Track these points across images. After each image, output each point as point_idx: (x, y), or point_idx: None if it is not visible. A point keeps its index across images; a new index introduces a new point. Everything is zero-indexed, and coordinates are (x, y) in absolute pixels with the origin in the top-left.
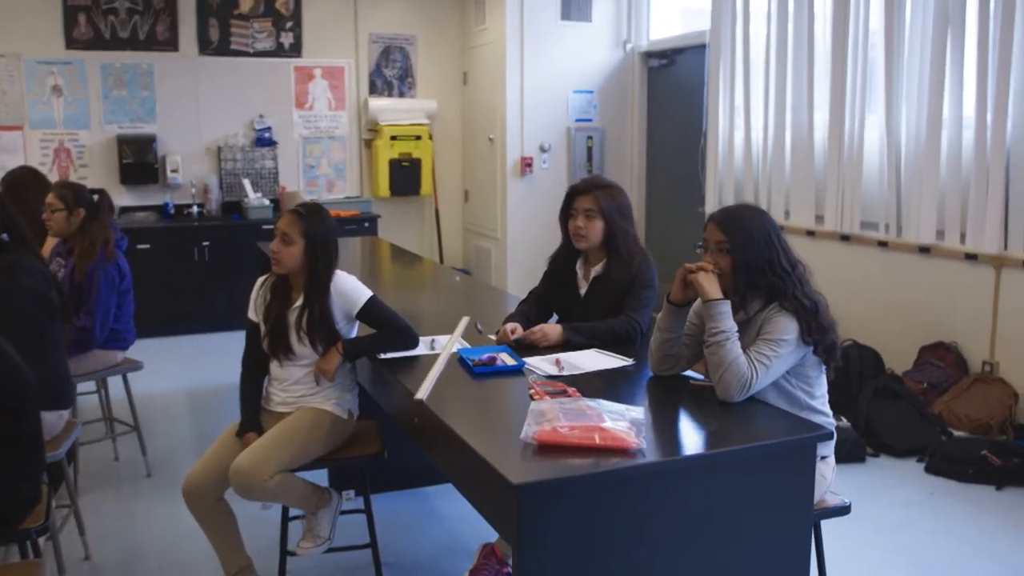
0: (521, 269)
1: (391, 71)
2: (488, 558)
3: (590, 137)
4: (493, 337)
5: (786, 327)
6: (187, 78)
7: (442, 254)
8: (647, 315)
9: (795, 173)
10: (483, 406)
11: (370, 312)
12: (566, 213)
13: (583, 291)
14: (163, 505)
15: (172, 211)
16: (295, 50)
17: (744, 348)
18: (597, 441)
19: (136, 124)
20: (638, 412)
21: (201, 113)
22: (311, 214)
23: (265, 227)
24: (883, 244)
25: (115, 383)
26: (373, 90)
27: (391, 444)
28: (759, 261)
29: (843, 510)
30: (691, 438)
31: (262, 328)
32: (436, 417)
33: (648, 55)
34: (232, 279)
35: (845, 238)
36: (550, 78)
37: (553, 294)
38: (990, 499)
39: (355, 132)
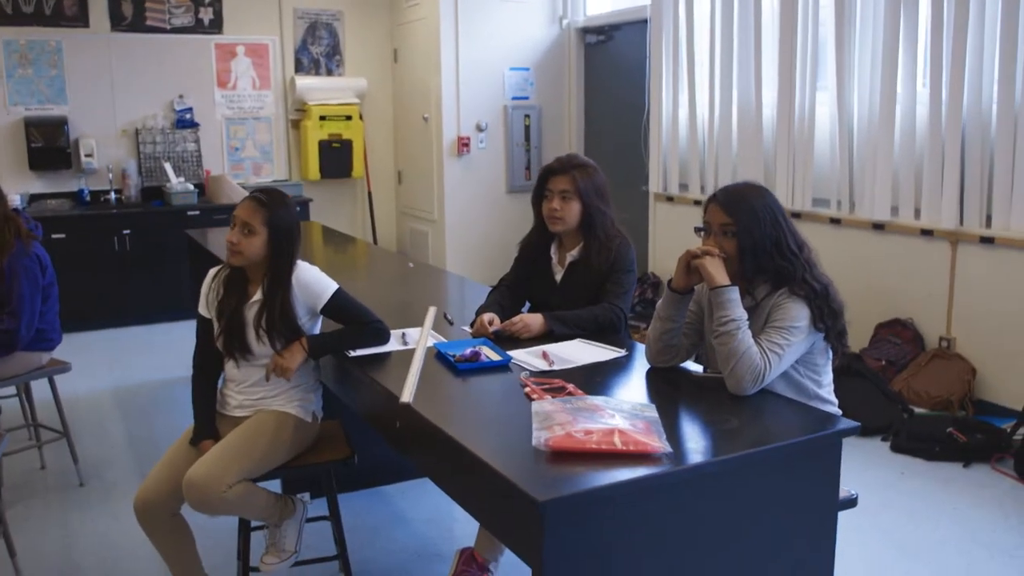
0: (460, 252)
1: (318, 48)
2: (468, 564)
3: (527, 115)
4: (467, 329)
5: (797, 313)
6: (99, 56)
7: (376, 238)
8: (629, 301)
9: (743, 151)
10: (474, 407)
11: (337, 306)
12: (539, 194)
13: (559, 277)
14: (100, 516)
15: (88, 198)
16: (215, 26)
17: (753, 336)
18: (619, 446)
19: (45, 106)
20: (651, 411)
21: (116, 93)
22: (273, 201)
23: (190, 213)
24: (836, 221)
25: (38, 385)
26: (299, 68)
27: (355, 445)
28: (766, 243)
29: (851, 503)
30: (713, 438)
31: (215, 325)
32: (429, 423)
33: (585, 31)
34: (157, 269)
35: (796, 215)
36: (485, 55)
37: (526, 281)
38: (960, 477)
39: (282, 112)
